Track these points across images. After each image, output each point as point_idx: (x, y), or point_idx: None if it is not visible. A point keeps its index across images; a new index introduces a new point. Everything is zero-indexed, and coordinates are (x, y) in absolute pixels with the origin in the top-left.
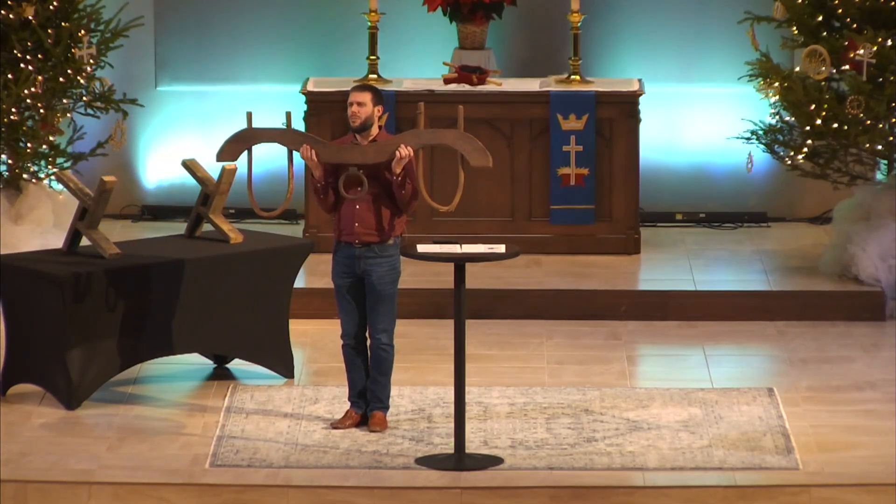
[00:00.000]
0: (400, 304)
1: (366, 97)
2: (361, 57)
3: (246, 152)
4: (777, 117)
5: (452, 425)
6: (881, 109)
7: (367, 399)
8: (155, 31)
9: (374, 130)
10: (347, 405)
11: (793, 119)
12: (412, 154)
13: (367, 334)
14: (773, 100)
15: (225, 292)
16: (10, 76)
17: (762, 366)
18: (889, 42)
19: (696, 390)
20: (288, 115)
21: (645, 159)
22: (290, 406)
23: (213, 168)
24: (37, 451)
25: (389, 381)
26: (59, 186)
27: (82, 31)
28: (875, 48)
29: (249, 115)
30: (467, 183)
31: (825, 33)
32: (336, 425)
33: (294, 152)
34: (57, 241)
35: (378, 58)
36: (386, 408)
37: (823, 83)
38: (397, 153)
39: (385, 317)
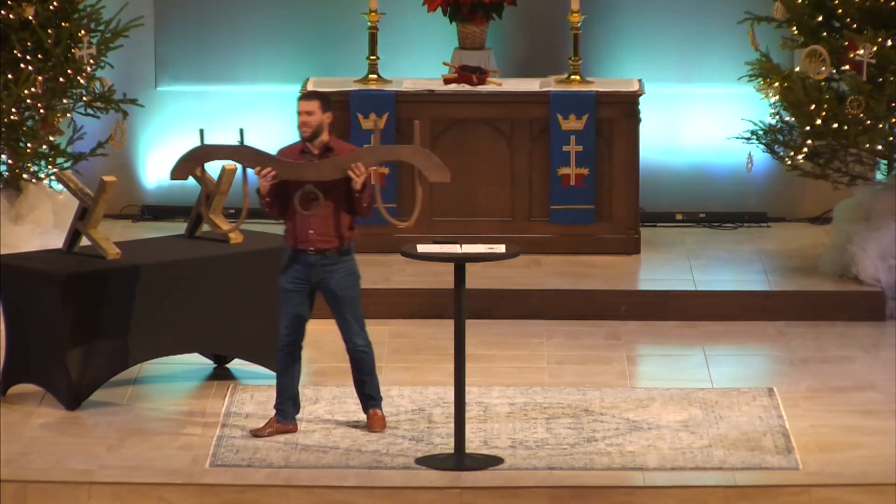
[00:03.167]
0: (400, 304)
1: (314, 106)
2: (361, 57)
3: (240, 166)
4: (777, 117)
5: (452, 425)
6: (881, 109)
7: (361, 400)
8: (155, 31)
9: (325, 136)
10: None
11: (793, 119)
12: (366, 172)
13: (303, 342)
14: (773, 100)
15: (225, 292)
16: (10, 76)
17: (762, 366)
18: (889, 42)
19: (696, 390)
20: (241, 131)
21: (645, 159)
22: None
23: (212, 168)
24: (37, 451)
25: (375, 377)
26: (59, 186)
27: (82, 31)
28: (875, 48)
29: (202, 132)
30: (468, 183)
31: (825, 33)
32: (256, 433)
33: (248, 168)
34: (57, 241)
35: (378, 58)
36: (379, 401)
37: (823, 83)
38: (350, 174)
39: (355, 322)
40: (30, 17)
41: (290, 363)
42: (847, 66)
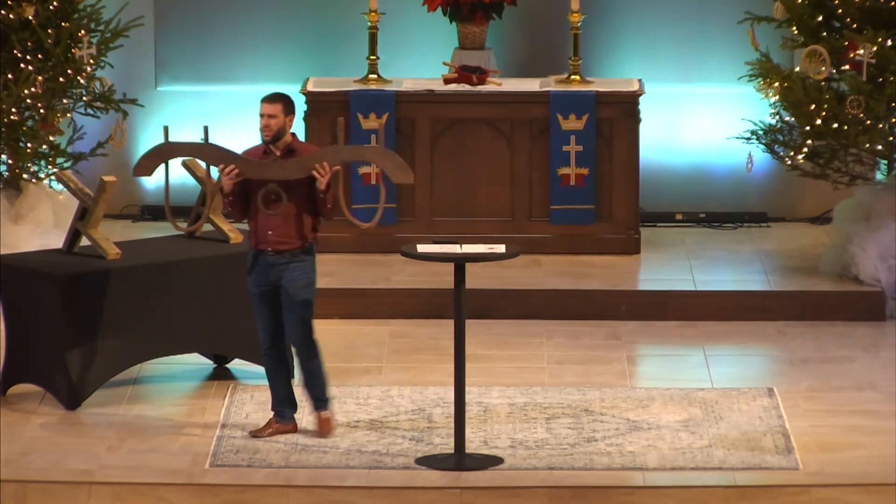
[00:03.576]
0: (400, 304)
1: (277, 108)
2: (361, 57)
3: (163, 166)
4: (777, 117)
5: (452, 425)
6: (881, 109)
7: (310, 403)
8: (155, 31)
9: (288, 138)
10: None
11: (793, 119)
12: (330, 172)
13: (285, 342)
14: (773, 100)
15: (225, 292)
16: (10, 76)
17: (762, 366)
18: (889, 42)
19: (696, 390)
20: (205, 129)
21: (645, 159)
22: None
23: (212, 168)
24: (37, 451)
25: (322, 378)
26: (59, 186)
27: (82, 31)
28: (875, 48)
29: (166, 130)
30: (468, 183)
31: (825, 33)
32: (256, 434)
33: (211, 167)
34: (57, 241)
35: (378, 58)
36: (326, 403)
37: (823, 83)
38: (314, 173)
39: (299, 325)
40: (30, 17)
41: (274, 366)
42: (847, 66)
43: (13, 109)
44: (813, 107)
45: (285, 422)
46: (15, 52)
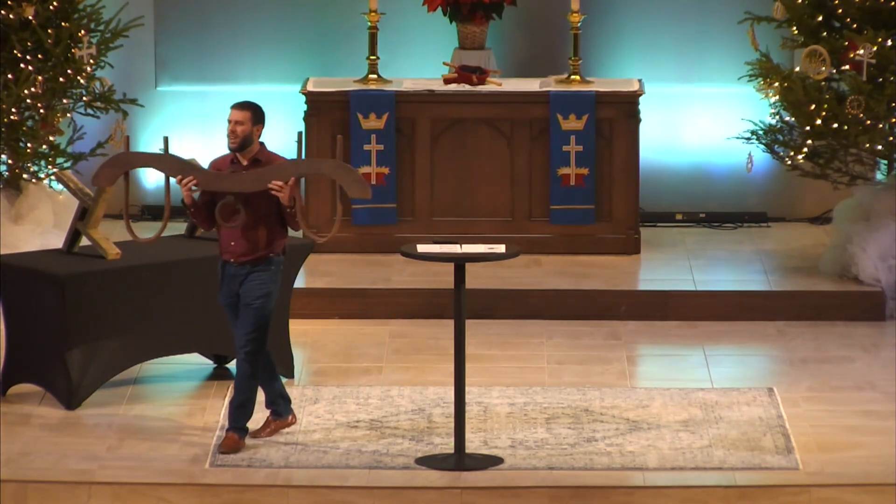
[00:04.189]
0: (400, 304)
1: (245, 116)
2: (361, 57)
3: (122, 178)
4: (777, 117)
5: (452, 425)
6: (881, 109)
7: (228, 418)
8: (155, 31)
9: (255, 147)
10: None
11: (793, 119)
12: (284, 187)
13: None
14: (773, 100)
15: None
16: (10, 76)
17: (762, 366)
18: (889, 42)
19: (696, 390)
20: (165, 139)
21: (645, 159)
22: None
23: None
24: (37, 451)
25: (249, 405)
26: (59, 186)
27: (82, 31)
28: (875, 48)
29: (127, 139)
30: (468, 183)
31: (825, 33)
32: (255, 434)
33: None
34: (57, 241)
35: (378, 58)
36: (242, 431)
37: (823, 83)
38: (270, 187)
39: (248, 334)
40: (30, 17)
41: (264, 366)
42: (847, 66)
43: (13, 109)
44: (813, 107)
45: (283, 418)
46: (15, 52)
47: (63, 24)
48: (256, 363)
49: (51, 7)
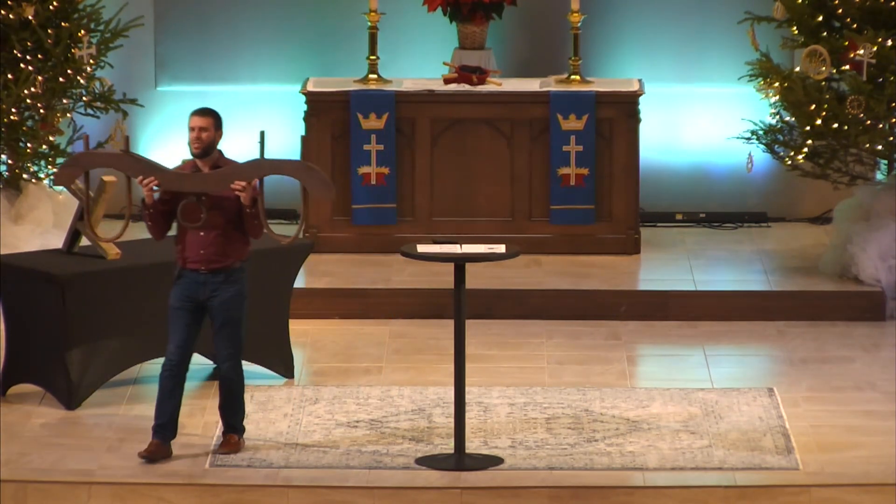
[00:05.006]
0: (400, 304)
1: (208, 122)
2: (361, 57)
3: (83, 176)
4: (777, 117)
5: (452, 425)
6: (881, 109)
7: (222, 422)
8: (155, 31)
9: (216, 154)
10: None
11: (793, 119)
12: (247, 186)
13: (189, 364)
14: (773, 100)
15: None
16: (10, 76)
17: (762, 366)
18: (889, 42)
19: (696, 390)
20: (126, 139)
21: (645, 159)
22: (290, 406)
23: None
24: (37, 451)
25: (241, 406)
26: (59, 186)
27: (82, 31)
28: (875, 48)
29: (86, 139)
30: (468, 183)
31: (825, 33)
32: (141, 454)
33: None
34: (57, 241)
35: (378, 58)
36: (241, 431)
37: (823, 83)
38: (233, 187)
39: (230, 342)
40: (30, 17)
41: (173, 386)
42: (847, 66)
43: (13, 109)
44: (813, 107)
45: (166, 444)
46: (15, 52)
47: (63, 24)
48: (240, 369)
49: (51, 7)
